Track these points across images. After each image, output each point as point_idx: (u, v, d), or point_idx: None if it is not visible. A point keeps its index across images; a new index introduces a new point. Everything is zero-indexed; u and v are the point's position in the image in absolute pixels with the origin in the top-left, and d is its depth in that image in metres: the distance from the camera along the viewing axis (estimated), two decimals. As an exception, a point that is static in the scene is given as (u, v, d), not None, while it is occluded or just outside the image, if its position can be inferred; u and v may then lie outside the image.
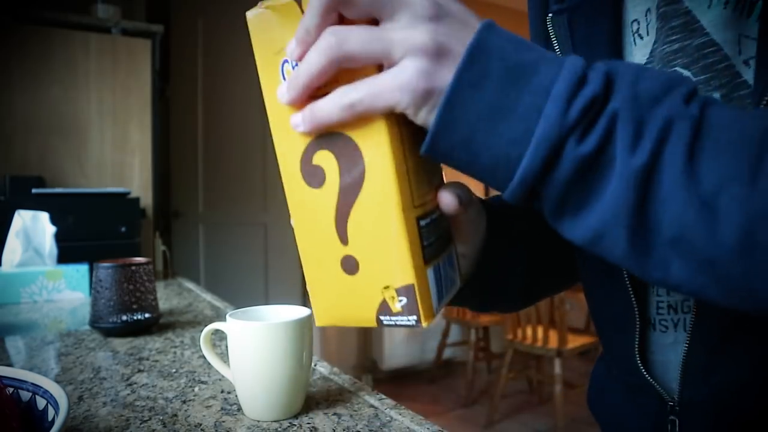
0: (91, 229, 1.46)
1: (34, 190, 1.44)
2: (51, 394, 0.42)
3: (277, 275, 3.27)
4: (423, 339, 3.45)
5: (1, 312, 1.10)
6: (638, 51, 0.46)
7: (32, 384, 0.44)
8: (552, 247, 0.52)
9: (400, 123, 0.34)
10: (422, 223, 0.36)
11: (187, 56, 3.08)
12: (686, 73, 0.41)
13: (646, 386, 0.48)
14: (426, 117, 0.32)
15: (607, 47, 0.46)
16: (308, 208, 0.36)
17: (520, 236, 0.51)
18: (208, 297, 1.25)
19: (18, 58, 1.65)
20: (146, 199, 1.81)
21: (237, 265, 3.16)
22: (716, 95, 0.40)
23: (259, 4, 0.35)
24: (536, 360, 2.92)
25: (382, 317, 0.36)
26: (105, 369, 0.71)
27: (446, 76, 0.31)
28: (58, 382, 0.65)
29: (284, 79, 0.35)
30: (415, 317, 0.35)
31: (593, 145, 0.29)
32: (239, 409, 0.56)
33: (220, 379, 0.66)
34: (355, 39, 0.31)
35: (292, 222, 0.37)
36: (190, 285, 1.44)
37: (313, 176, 0.35)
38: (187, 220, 3.12)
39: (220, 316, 1.03)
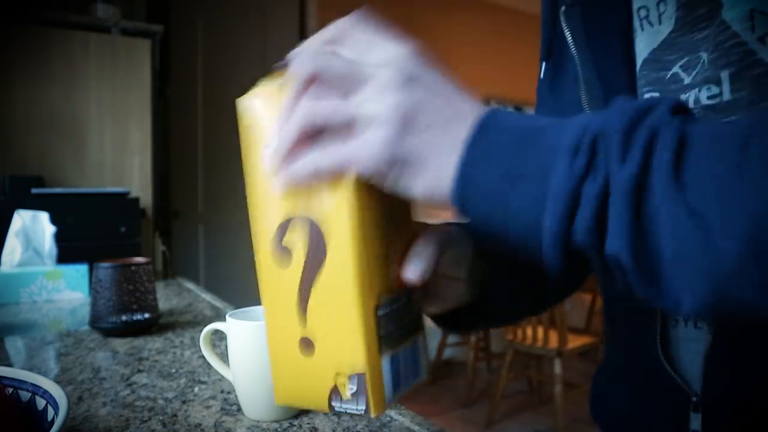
0: (90, 229, 1.46)
1: (33, 190, 1.44)
2: (50, 395, 0.42)
3: (277, 275, 3.26)
4: (423, 339, 3.44)
5: (1, 312, 1.09)
6: (645, 36, 0.46)
7: (32, 384, 0.44)
8: None
9: (368, 195, 0.35)
10: (380, 312, 0.36)
11: (187, 56, 3.07)
12: (704, 56, 0.41)
13: (665, 383, 0.47)
14: (392, 183, 0.33)
15: (618, 36, 0.47)
16: (276, 288, 0.37)
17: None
18: (207, 297, 1.25)
19: (18, 58, 1.65)
20: (146, 199, 1.80)
21: (237, 265, 3.15)
22: (724, 74, 0.39)
23: (249, 92, 0.37)
24: (536, 360, 2.92)
25: (333, 403, 0.36)
26: (105, 369, 0.71)
27: (411, 143, 0.32)
28: (57, 382, 0.65)
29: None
30: (363, 407, 0.35)
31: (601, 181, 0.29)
32: (239, 409, 0.56)
33: (219, 379, 0.66)
34: (322, 112, 0.34)
35: (262, 301, 0.38)
36: (189, 285, 1.44)
37: (282, 256, 0.36)
38: (187, 220, 3.12)
39: (219, 316, 1.03)
